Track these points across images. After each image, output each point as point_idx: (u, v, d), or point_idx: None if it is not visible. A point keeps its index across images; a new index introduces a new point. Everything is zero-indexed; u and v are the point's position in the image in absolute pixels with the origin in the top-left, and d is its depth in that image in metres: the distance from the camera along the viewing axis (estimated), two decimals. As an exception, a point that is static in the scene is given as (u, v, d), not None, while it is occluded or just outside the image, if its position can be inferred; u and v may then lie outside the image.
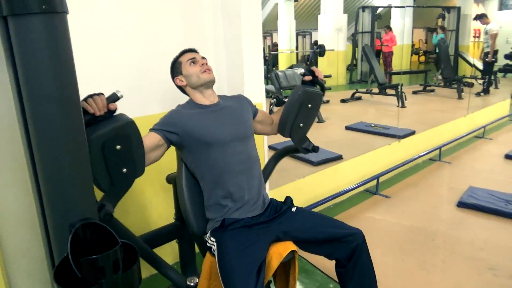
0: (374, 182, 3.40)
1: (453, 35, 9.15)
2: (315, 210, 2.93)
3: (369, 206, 3.14)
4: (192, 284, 1.67)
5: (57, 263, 0.72)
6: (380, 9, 10.69)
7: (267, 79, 7.15)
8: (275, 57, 13.07)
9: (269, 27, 14.32)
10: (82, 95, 1.87)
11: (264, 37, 14.47)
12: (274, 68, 11.43)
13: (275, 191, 2.74)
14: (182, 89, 1.66)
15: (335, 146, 4.20)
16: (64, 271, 0.72)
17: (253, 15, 2.19)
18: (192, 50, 1.66)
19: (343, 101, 7.48)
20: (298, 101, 1.68)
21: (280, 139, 4.66)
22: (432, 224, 2.79)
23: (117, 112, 1.26)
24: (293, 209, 1.64)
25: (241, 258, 1.37)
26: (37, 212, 0.89)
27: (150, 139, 1.45)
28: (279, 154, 1.95)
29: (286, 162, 3.87)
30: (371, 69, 7.20)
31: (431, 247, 2.49)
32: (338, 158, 3.75)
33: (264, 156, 2.53)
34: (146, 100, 2.07)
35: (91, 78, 1.92)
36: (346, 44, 10.20)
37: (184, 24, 2.18)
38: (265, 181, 1.95)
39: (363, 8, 9.56)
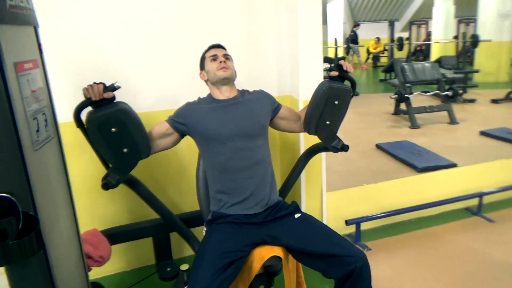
0: (477, 201, 2.85)
1: None
2: (383, 221, 2.68)
3: (462, 228, 2.66)
4: None
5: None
6: None
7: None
8: (429, 48, 11.80)
9: (425, 14, 12.97)
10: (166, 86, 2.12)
11: (418, 25, 13.21)
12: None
13: (336, 193, 2.58)
14: (206, 83, 1.72)
15: (456, 152, 3.67)
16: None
17: (311, 6, 2.08)
18: (217, 46, 1.70)
19: (494, 101, 6.36)
20: (323, 97, 1.60)
21: (385, 138, 4.33)
22: (538, 264, 2.21)
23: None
24: (296, 215, 1.55)
25: (215, 250, 1.39)
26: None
27: (159, 127, 1.60)
28: (308, 152, 1.87)
29: (385, 163, 3.57)
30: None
31: (519, 291, 1.99)
32: (451, 166, 3.25)
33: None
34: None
35: (158, 72, 2.14)
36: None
37: (245, 17, 2.22)
38: (294, 180, 1.88)
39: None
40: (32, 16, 1.12)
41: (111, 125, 1.41)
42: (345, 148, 1.69)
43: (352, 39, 12.46)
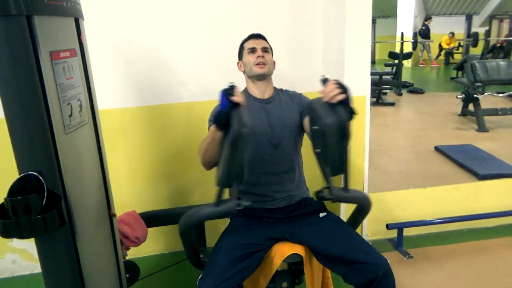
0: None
1: None
2: (430, 228, 2.53)
3: (522, 244, 2.42)
4: None
5: None
6: None
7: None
8: (511, 45, 10.75)
9: (509, 7, 11.81)
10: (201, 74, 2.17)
11: (500, 20, 12.10)
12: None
13: (379, 195, 2.47)
14: (243, 73, 1.71)
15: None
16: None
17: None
18: (257, 37, 1.67)
19: None
20: (309, 115, 1.40)
21: (447, 141, 4.04)
22: None
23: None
24: (321, 214, 1.51)
25: (233, 241, 1.40)
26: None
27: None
28: None
29: (443, 167, 3.34)
30: None
31: None
32: (518, 175, 2.97)
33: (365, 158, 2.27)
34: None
35: (202, 63, 2.19)
36: None
37: (291, 8, 2.19)
38: None
39: None
40: (73, 8, 1.20)
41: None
42: (317, 195, 1.28)
43: (423, 33, 11.73)
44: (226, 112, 1.18)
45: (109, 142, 1.46)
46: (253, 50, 1.61)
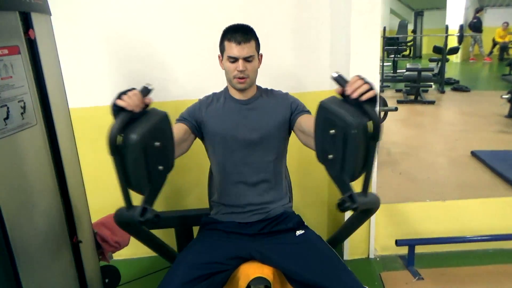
0: None
1: None
2: (447, 246, 2.25)
3: (558, 271, 2.09)
4: None
5: None
6: None
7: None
8: None
9: None
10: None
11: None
12: None
13: (390, 206, 2.23)
14: None
15: None
16: None
17: (368, -12, 1.78)
18: (242, 40, 1.35)
19: None
20: (317, 117, 1.13)
21: (487, 145, 3.65)
22: None
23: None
24: (298, 232, 1.33)
25: (193, 258, 1.27)
26: None
27: (179, 131, 1.38)
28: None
29: (478, 175, 3.01)
30: None
31: None
32: None
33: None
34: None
35: (193, 58, 2.07)
36: None
37: (296, 2, 2.00)
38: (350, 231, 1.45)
39: None
40: (19, 2, 1.11)
41: (156, 139, 1.11)
42: (344, 206, 1.05)
43: (474, 26, 10.88)
44: (113, 115, 1.07)
45: (98, 139, 1.27)
46: (233, 61, 1.37)
